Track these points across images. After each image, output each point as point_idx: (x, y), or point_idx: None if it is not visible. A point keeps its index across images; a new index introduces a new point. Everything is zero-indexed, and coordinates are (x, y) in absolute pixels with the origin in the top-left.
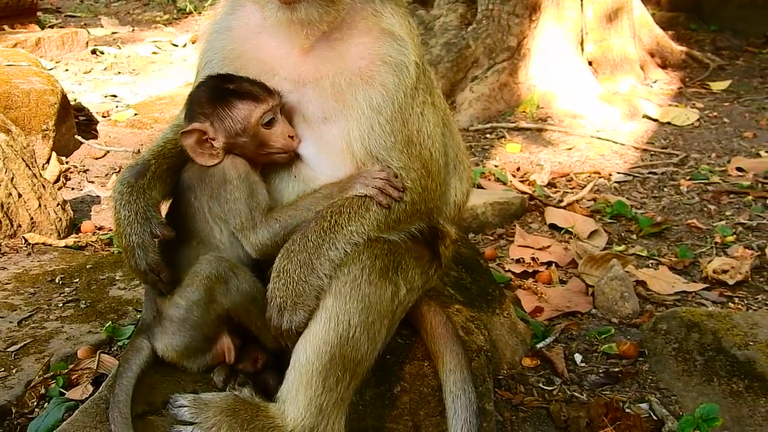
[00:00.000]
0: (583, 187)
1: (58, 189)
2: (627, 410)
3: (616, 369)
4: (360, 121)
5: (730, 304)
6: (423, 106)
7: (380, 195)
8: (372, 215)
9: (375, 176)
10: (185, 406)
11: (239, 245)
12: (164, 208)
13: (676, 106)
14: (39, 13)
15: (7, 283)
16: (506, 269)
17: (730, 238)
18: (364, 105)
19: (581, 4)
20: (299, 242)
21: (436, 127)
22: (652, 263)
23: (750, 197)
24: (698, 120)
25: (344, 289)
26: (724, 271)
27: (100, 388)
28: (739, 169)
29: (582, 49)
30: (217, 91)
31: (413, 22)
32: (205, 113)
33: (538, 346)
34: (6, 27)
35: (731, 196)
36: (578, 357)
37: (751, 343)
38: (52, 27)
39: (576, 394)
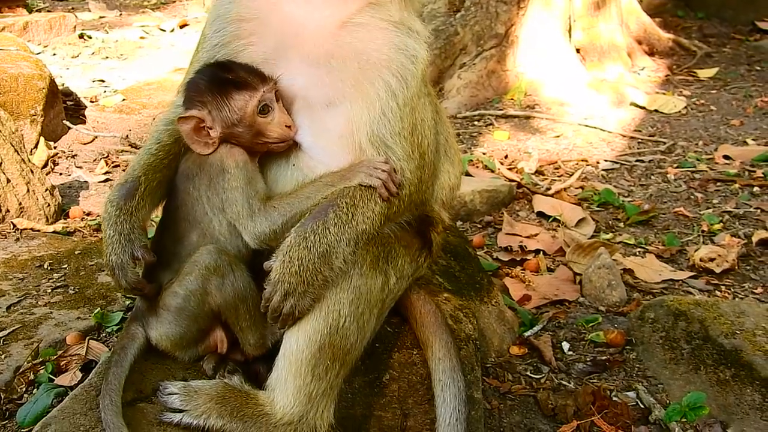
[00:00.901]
0: (571, 175)
1: (47, 174)
2: (614, 398)
3: (604, 357)
4: (374, 104)
5: (716, 292)
6: (425, 97)
7: (383, 187)
8: (378, 209)
9: (378, 167)
10: (175, 394)
11: (238, 236)
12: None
13: (664, 93)
14: None
15: None
16: (494, 257)
17: (717, 226)
18: (382, 89)
19: None
20: (320, 233)
21: (432, 118)
22: (639, 251)
23: (737, 185)
24: (685, 107)
25: (335, 281)
26: (711, 260)
27: (91, 374)
28: (726, 157)
29: (570, 37)
30: (216, 80)
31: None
32: (203, 101)
33: (526, 334)
34: None
35: (718, 184)
36: (566, 345)
37: (737, 332)
38: (39, 11)
39: (563, 382)
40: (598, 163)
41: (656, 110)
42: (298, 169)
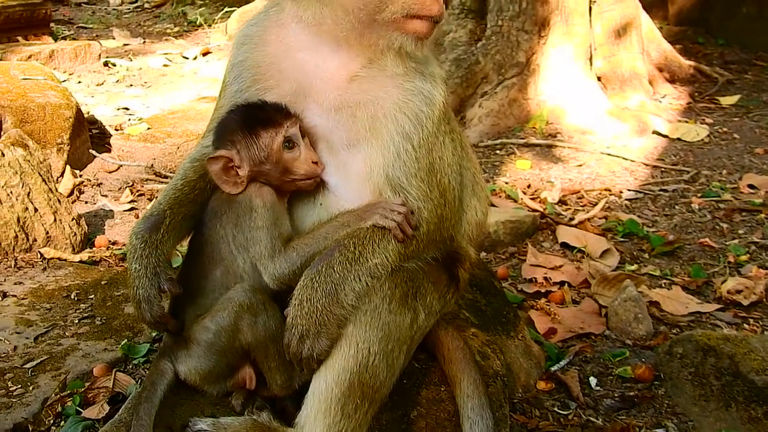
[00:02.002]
0: (594, 205)
1: (72, 203)
2: None
3: (632, 393)
4: (388, 148)
5: (744, 325)
6: (444, 136)
7: (397, 229)
8: (392, 247)
9: (394, 209)
10: (204, 430)
11: (260, 275)
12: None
13: (686, 121)
14: (52, 25)
15: (23, 298)
16: (519, 289)
17: (744, 258)
18: (395, 132)
19: (590, 20)
20: (324, 272)
21: (453, 156)
22: (665, 283)
23: (763, 215)
24: (708, 136)
25: (364, 318)
26: (738, 292)
27: (120, 410)
28: (750, 186)
29: (591, 65)
30: (243, 120)
31: (437, 56)
32: (231, 141)
33: (553, 368)
34: (20, 38)
35: (743, 213)
36: (593, 380)
37: None
38: (65, 38)
39: (591, 418)
40: (621, 192)
41: (679, 138)
42: (324, 208)
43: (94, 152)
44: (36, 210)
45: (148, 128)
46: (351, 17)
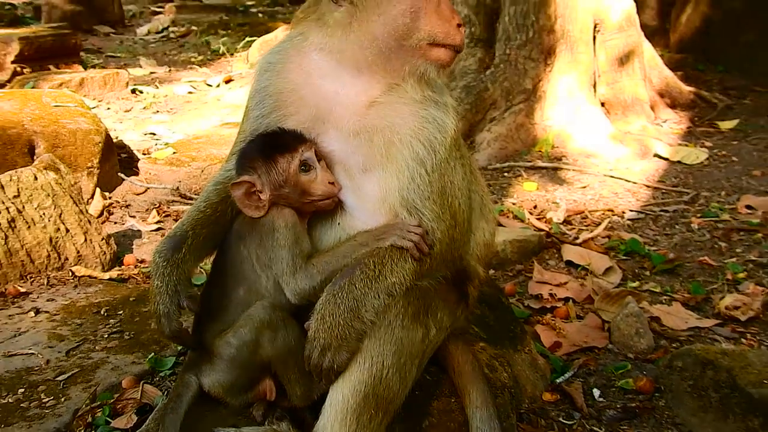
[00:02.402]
0: (598, 225)
1: (102, 223)
2: None
3: (633, 404)
4: (403, 172)
5: (742, 339)
6: (455, 161)
7: (414, 249)
8: (409, 266)
9: (411, 230)
10: None
11: (282, 293)
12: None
13: (686, 145)
14: (82, 54)
15: (55, 314)
16: (525, 305)
17: (741, 275)
18: (409, 158)
19: (594, 49)
20: (346, 289)
21: (464, 180)
22: (665, 299)
23: (760, 234)
24: (707, 158)
25: (379, 333)
26: (736, 308)
27: (147, 420)
28: (748, 207)
29: (595, 91)
30: (263, 147)
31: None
32: (253, 167)
33: (558, 381)
34: (52, 67)
35: (741, 233)
36: (596, 392)
37: (765, 381)
38: (94, 67)
39: (595, 428)
40: (623, 212)
41: (679, 161)
42: (342, 229)
43: (122, 175)
44: (67, 230)
45: (174, 152)
46: (379, 42)
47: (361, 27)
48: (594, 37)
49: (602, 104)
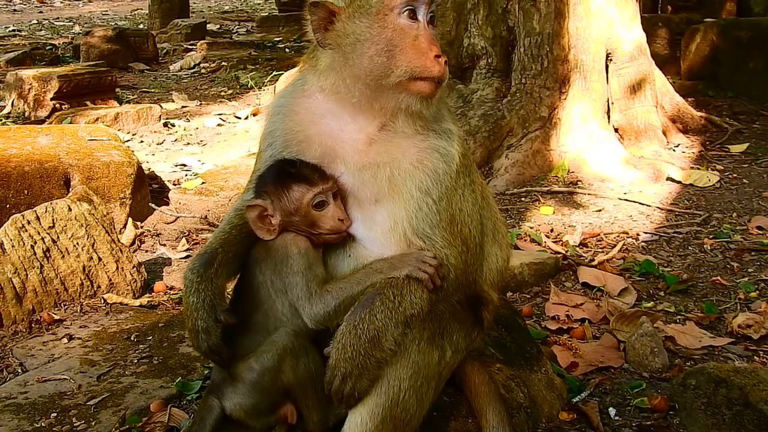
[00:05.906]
0: (613, 247)
1: (133, 251)
2: None
3: (649, 422)
4: (409, 202)
5: (755, 357)
6: (464, 188)
7: (429, 281)
8: (426, 296)
9: (426, 260)
10: None
11: (299, 317)
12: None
13: (698, 168)
14: (117, 90)
15: (87, 341)
16: (542, 326)
17: (753, 294)
18: (414, 189)
19: (606, 77)
20: (367, 320)
21: (474, 206)
22: (679, 319)
23: None
24: (719, 181)
25: (396, 356)
26: (749, 326)
27: None
28: (759, 227)
29: (608, 118)
30: (280, 174)
31: (454, 114)
32: (267, 192)
33: (574, 400)
34: (89, 103)
35: (753, 253)
36: (612, 411)
37: None
38: (128, 102)
39: None
40: (638, 235)
41: (691, 184)
42: (354, 259)
43: (153, 205)
44: (100, 259)
45: (203, 183)
46: (360, 84)
47: (345, 69)
48: (606, 66)
49: (616, 130)
